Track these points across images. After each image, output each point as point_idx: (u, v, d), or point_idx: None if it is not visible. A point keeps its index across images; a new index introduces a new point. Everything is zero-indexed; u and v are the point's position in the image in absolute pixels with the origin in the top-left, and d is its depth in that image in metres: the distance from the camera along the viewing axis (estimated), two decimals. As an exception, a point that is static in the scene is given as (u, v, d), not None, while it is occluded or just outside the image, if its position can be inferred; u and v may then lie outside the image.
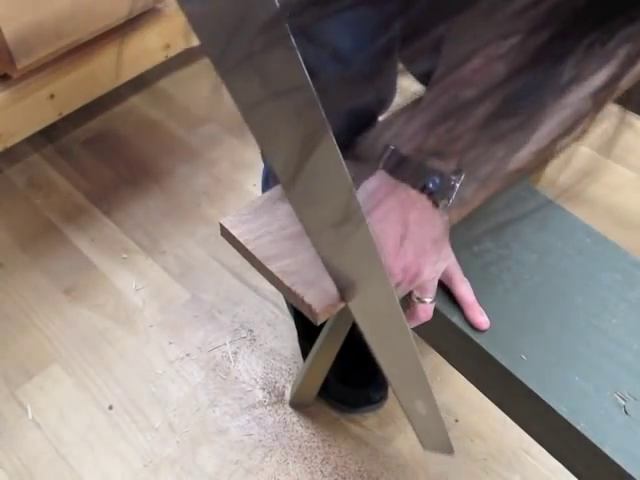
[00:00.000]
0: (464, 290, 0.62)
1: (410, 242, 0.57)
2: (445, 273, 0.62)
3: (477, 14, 0.49)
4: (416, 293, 0.60)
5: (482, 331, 0.61)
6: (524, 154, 0.54)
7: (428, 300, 0.60)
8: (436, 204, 0.59)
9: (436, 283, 0.61)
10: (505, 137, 0.53)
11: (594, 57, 0.43)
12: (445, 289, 0.63)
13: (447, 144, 0.57)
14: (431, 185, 0.57)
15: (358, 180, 0.59)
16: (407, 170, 0.58)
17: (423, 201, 0.58)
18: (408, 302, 0.61)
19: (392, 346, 0.60)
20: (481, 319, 0.61)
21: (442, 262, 0.61)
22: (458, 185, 0.58)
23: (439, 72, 0.58)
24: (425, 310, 0.61)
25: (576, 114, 0.56)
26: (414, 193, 0.58)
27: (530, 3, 0.41)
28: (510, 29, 0.49)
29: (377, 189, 0.60)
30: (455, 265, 0.63)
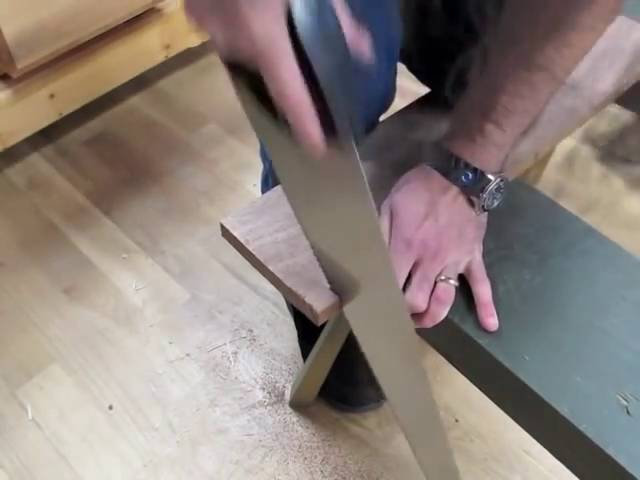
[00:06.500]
0: (483, 289, 0.62)
1: (434, 220, 0.59)
2: (469, 268, 0.62)
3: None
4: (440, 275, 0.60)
5: (484, 332, 0.60)
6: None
7: (452, 281, 0.60)
8: (470, 200, 0.60)
9: (460, 269, 0.61)
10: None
11: None
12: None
13: (491, 147, 0.59)
14: (463, 178, 0.59)
15: None
16: (443, 161, 0.60)
17: (455, 192, 0.60)
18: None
19: (391, 356, 0.60)
20: (491, 320, 0.60)
21: (467, 253, 0.61)
22: (493, 186, 0.59)
23: (486, 72, 0.60)
24: (446, 290, 0.60)
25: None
26: (446, 182, 0.60)
27: None
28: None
29: (412, 173, 0.63)
30: (481, 265, 0.63)
